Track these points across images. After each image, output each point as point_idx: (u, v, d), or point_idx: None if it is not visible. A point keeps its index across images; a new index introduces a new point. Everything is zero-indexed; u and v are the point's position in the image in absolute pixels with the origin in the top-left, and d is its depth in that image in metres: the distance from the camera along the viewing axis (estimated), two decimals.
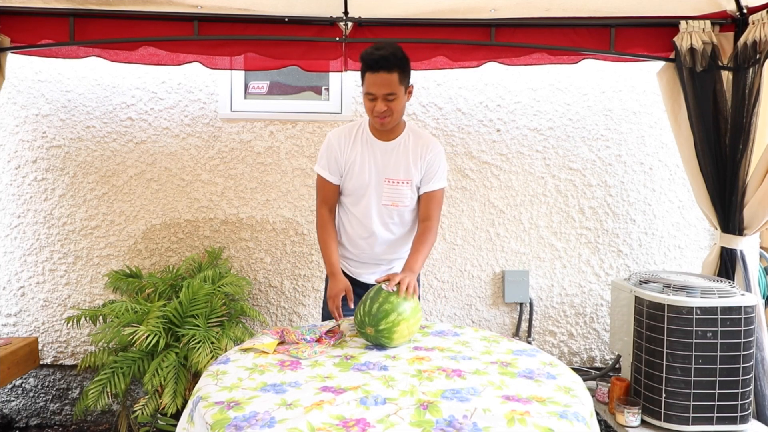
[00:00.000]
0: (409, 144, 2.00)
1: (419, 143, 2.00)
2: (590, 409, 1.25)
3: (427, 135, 2.07)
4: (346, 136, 2.02)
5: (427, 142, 2.02)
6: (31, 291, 2.94)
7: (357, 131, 2.03)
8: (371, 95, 1.85)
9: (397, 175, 1.99)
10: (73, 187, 2.92)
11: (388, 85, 1.83)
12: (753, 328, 2.23)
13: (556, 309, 3.10)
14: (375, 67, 1.80)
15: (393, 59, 1.81)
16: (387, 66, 1.81)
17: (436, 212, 2.04)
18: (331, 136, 2.04)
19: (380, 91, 1.83)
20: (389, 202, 2.01)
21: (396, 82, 1.83)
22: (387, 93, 1.84)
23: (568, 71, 2.99)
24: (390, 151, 2.00)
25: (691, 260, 3.11)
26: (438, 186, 2.03)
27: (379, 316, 1.57)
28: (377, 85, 1.82)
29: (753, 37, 2.37)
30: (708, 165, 2.52)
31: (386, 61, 1.81)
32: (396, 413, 1.16)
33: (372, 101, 1.86)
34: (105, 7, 2.47)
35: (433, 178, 2.01)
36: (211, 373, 1.41)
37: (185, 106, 2.93)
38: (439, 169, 2.01)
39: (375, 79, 1.82)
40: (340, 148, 2.01)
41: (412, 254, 1.94)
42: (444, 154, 2.05)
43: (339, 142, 2.01)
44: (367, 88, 1.85)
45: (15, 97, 2.87)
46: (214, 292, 2.48)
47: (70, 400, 3.00)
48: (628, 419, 2.28)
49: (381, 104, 1.84)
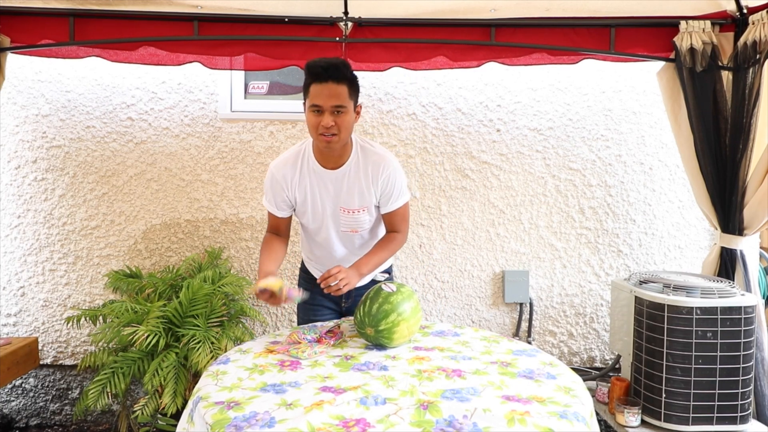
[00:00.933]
0: (360, 167, 1.83)
1: (369, 164, 1.83)
2: (590, 409, 1.25)
3: (378, 151, 1.87)
4: (290, 168, 1.85)
5: (379, 160, 1.83)
6: (31, 291, 2.94)
7: (301, 161, 1.85)
8: (317, 107, 1.67)
9: (352, 204, 1.86)
10: (73, 187, 2.92)
11: (337, 97, 1.67)
12: (753, 328, 2.23)
13: (556, 309, 3.10)
14: (323, 75, 1.65)
15: (343, 69, 1.69)
16: (336, 76, 1.66)
17: (403, 225, 1.95)
18: (274, 170, 1.86)
19: (328, 102, 1.66)
20: (348, 229, 1.92)
21: (345, 95, 1.68)
22: (335, 105, 1.67)
23: (568, 71, 2.99)
24: (340, 180, 1.84)
25: (691, 260, 3.11)
26: (399, 204, 1.89)
27: (379, 317, 1.57)
28: (324, 96, 1.66)
29: (753, 37, 2.36)
30: (708, 165, 2.52)
31: (336, 69, 1.67)
32: (396, 413, 1.16)
33: (317, 115, 1.68)
34: (105, 7, 2.47)
35: (390, 197, 1.86)
36: (211, 373, 1.41)
37: (185, 106, 2.93)
38: (395, 186, 1.85)
39: (322, 89, 1.66)
40: (286, 184, 1.85)
41: (366, 255, 1.87)
42: (399, 168, 1.87)
43: (284, 177, 1.84)
44: (312, 99, 1.68)
45: (15, 97, 2.87)
46: (214, 292, 2.49)
47: (70, 400, 3.00)
48: (628, 419, 2.28)
49: (328, 118, 1.66)
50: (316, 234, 1.96)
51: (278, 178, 1.85)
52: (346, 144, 1.81)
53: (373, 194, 1.86)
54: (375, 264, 1.87)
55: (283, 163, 1.86)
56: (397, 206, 1.89)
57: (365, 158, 1.84)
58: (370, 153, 1.85)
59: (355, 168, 1.84)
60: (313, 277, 2.07)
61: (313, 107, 1.69)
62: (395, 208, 1.89)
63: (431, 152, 3.02)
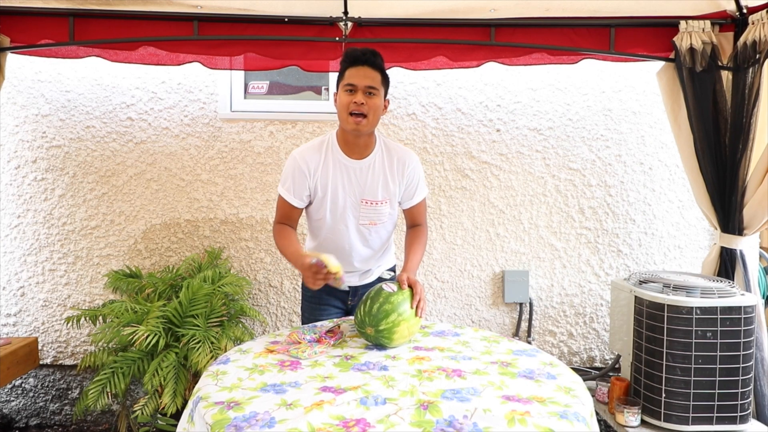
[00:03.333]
0: (384, 161, 1.89)
1: (395, 158, 1.90)
2: (590, 409, 1.25)
3: (401, 147, 1.95)
4: (314, 156, 1.85)
5: (403, 156, 1.91)
6: (31, 291, 2.94)
7: (326, 150, 1.86)
8: (351, 86, 1.75)
9: (375, 196, 1.88)
10: (72, 187, 2.92)
11: (371, 79, 1.76)
12: (753, 328, 2.23)
13: (556, 309, 3.10)
14: (361, 59, 1.76)
15: (379, 59, 1.80)
16: (372, 62, 1.77)
17: (424, 217, 2.02)
18: (298, 157, 1.85)
19: (362, 81, 1.75)
20: (367, 221, 1.92)
21: (378, 80, 1.78)
22: (369, 85, 1.75)
23: (567, 71, 2.99)
24: (365, 171, 1.87)
25: (691, 260, 3.11)
26: (421, 197, 1.97)
27: (379, 317, 1.57)
28: (359, 76, 1.75)
29: (753, 37, 2.37)
30: (708, 165, 2.52)
31: (373, 56, 1.77)
32: (396, 413, 1.16)
33: (350, 94, 1.75)
34: (105, 7, 2.47)
35: (414, 192, 1.95)
36: (211, 373, 1.41)
37: (185, 106, 2.93)
38: (419, 181, 1.95)
39: (358, 71, 1.75)
40: (309, 172, 1.85)
41: (411, 256, 1.90)
42: (420, 163, 1.97)
43: (308, 164, 1.84)
44: (347, 79, 1.76)
45: (15, 97, 2.87)
46: (214, 292, 2.48)
47: (69, 400, 3.00)
48: (627, 419, 2.28)
49: (360, 96, 1.74)
50: (333, 228, 1.93)
51: (301, 165, 1.84)
52: (371, 135, 1.86)
53: (397, 186, 1.91)
54: (420, 260, 1.92)
55: (307, 151, 1.87)
56: (420, 199, 1.97)
57: (389, 152, 1.90)
58: (393, 148, 1.92)
59: (380, 159, 1.88)
60: None
61: (347, 86, 1.76)
62: (418, 202, 1.97)
63: (431, 152, 3.02)
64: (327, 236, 1.97)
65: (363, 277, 2.06)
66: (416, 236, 1.98)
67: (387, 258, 2.13)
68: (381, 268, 2.11)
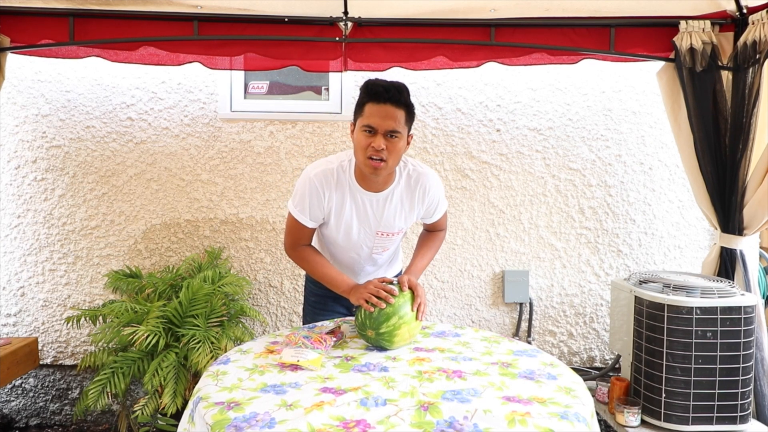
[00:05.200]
0: (404, 191, 1.76)
1: (413, 184, 1.76)
2: (591, 409, 1.25)
3: (420, 169, 1.78)
4: (330, 181, 1.71)
5: (424, 182, 1.77)
6: (31, 291, 2.94)
7: (342, 177, 1.72)
8: (370, 128, 1.57)
9: (392, 228, 1.80)
10: (72, 187, 2.92)
11: (394, 120, 1.56)
12: (753, 328, 2.23)
13: (556, 309, 3.10)
14: (383, 96, 1.56)
15: (404, 93, 1.60)
16: (396, 99, 1.57)
17: (444, 224, 1.99)
18: (314, 178, 1.70)
19: (383, 124, 1.56)
20: (380, 249, 1.89)
21: (402, 121, 1.59)
22: (390, 130, 1.57)
23: (567, 71, 2.99)
24: (382, 203, 1.75)
25: (691, 260, 3.11)
26: (442, 213, 1.90)
27: (380, 320, 1.57)
28: (381, 116, 1.56)
29: (753, 37, 2.37)
30: (708, 165, 2.52)
31: (398, 92, 1.57)
32: (396, 414, 1.16)
33: (369, 136, 1.58)
34: (105, 7, 2.47)
35: (435, 211, 1.87)
36: (211, 374, 1.41)
37: (185, 106, 2.93)
38: (440, 200, 1.84)
39: (379, 110, 1.56)
40: (325, 196, 1.72)
41: (418, 259, 1.85)
42: (439, 180, 1.85)
43: (323, 188, 1.71)
44: (367, 119, 1.58)
45: (15, 97, 2.87)
46: (214, 292, 2.48)
47: (70, 400, 3.00)
48: (628, 419, 2.28)
49: (380, 141, 1.56)
50: (343, 253, 1.90)
51: (318, 188, 1.70)
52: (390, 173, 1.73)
53: (416, 212, 1.83)
54: (427, 264, 1.89)
55: (323, 174, 1.71)
56: (440, 215, 1.91)
57: (408, 180, 1.76)
58: (413, 173, 1.77)
59: (399, 190, 1.76)
60: (321, 286, 1.93)
61: (366, 127, 1.58)
62: (439, 218, 1.92)
63: (431, 152, 3.02)
64: (334, 256, 1.94)
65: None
66: (430, 239, 1.95)
67: (394, 266, 2.12)
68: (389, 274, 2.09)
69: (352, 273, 1.97)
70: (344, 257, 1.93)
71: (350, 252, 1.89)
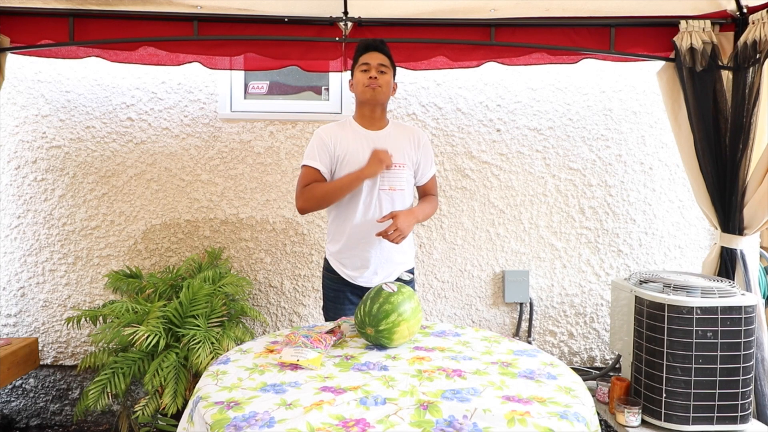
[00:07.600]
0: (399, 133, 2.14)
1: (408, 132, 2.17)
2: (591, 409, 1.25)
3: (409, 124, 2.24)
4: (336, 130, 2.10)
5: (416, 131, 2.19)
6: (31, 291, 2.94)
7: (345, 125, 2.13)
8: (366, 65, 2.05)
9: (394, 158, 2.06)
10: (73, 188, 2.92)
11: (382, 60, 2.06)
12: (753, 328, 2.23)
13: (556, 309, 3.10)
14: (371, 46, 2.07)
15: (386, 47, 2.09)
16: (381, 48, 2.08)
17: (436, 190, 2.27)
18: (320, 131, 2.12)
19: (375, 61, 2.04)
20: (387, 186, 2.07)
21: (387, 62, 2.08)
22: (380, 63, 2.05)
23: (567, 71, 2.99)
24: (383, 138, 2.10)
25: (691, 260, 3.11)
26: (433, 172, 2.23)
27: (379, 317, 1.57)
28: (372, 57, 2.05)
29: (753, 36, 2.36)
30: (708, 165, 2.52)
31: (381, 43, 2.09)
32: (396, 413, 1.16)
33: (365, 71, 2.04)
34: (105, 7, 2.47)
35: (428, 166, 2.20)
36: (211, 373, 1.41)
37: (185, 107, 2.93)
38: (431, 155, 2.22)
39: (370, 55, 2.05)
40: (331, 141, 2.07)
41: (418, 205, 2.14)
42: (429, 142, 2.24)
43: (330, 134, 2.08)
44: (362, 61, 2.06)
45: (15, 98, 2.87)
46: (215, 293, 2.48)
47: (70, 400, 3.00)
48: (628, 419, 2.28)
49: (374, 71, 2.03)
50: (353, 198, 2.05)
51: (324, 136, 2.08)
52: (384, 110, 2.15)
53: (413, 155, 2.14)
54: (424, 211, 2.14)
55: (328, 127, 2.13)
56: (431, 176, 2.22)
57: (402, 128, 2.19)
58: (404, 125, 2.24)
59: (395, 131, 2.15)
60: (338, 277, 2.14)
61: (363, 65, 2.05)
62: (431, 177, 2.22)
63: None
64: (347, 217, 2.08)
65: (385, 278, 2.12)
66: (425, 199, 2.21)
67: (407, 257, 2.21)
68: (402, 267, 2.18)
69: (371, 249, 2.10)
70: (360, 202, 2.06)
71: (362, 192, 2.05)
